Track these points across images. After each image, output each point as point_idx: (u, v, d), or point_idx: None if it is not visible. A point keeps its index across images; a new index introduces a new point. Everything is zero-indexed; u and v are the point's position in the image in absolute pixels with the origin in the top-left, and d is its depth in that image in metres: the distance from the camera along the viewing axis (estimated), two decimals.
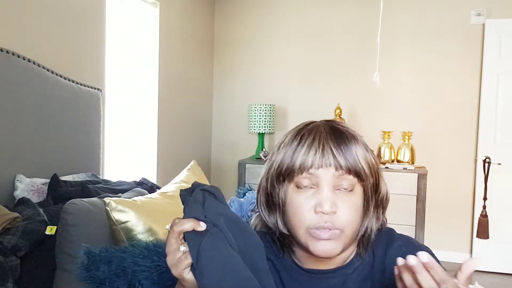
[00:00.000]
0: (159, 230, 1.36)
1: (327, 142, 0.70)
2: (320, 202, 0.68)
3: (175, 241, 0.62)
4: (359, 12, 3.54)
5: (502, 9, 3.22)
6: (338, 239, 0.69)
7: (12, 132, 1.75)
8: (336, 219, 0.69)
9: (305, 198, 0.70)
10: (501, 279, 3.12)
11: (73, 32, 2.22)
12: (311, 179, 0.70)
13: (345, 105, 3.52)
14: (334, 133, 0.72)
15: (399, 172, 3.06)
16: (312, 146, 0.70)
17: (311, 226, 0.69)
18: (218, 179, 3.99)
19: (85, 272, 1.11)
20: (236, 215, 0.68)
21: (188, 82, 3.54)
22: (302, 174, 0.70)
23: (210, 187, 0.67)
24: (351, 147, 0.70)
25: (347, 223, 0.70)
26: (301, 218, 0.70)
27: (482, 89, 3.23)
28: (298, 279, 0.77)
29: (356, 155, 0.70)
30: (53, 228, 1.36)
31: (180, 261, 0.61)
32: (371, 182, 0.73)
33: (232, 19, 3.92)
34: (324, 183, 0.69)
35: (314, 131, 0.72)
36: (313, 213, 0.69)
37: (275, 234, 0.77)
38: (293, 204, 0.71)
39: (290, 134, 0.75)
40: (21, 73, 1.79)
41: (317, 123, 0.75)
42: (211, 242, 0.60)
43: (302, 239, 0.71)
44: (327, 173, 0.69)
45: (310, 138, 0.71)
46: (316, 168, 0.69)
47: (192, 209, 0.63)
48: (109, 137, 2.58)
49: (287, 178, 0.72)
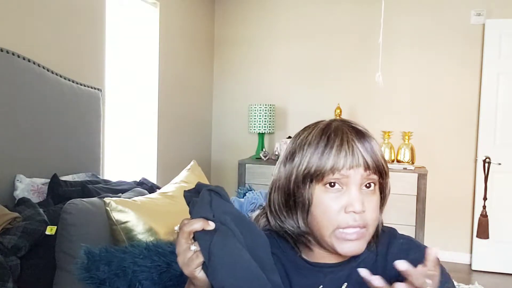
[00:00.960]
0: (159, 230, 1.36)
1: (354, 143, 0.71)
2: (351, 202, 0.70)
3: (185, 241, 0.63)
4: (359, 12, 3.54)
5: (502, 9, 3.22)
6: (364, 238, 0.71)
7: (12, 132, 1.75)
8: (365, 218, 0.70)
9: (334, 198, 0.71)
10: (501, 279, 3.12)
11: (73, 32, 2.22)
12: (340, 179, 0.71)
13: (345, 105, 3.52)
14: (357, 133, 0.73)
15: (399, 172, 3.06)
16: (342, 148, 0.71)
17: (341, 225, 0.70)
18: (218, 179, 3.99)
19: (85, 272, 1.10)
20: (242, 213, 0.69)
21: (188, 82, 3.54)
22: (333, 175, 0.71)
23: (215, 187, 0.68)
24: (373, 146, 0.73)
25: (372, 221, 0.72)
26: (330, 219, 0.71)
27: (482, 89, 3.23)
28: (303, 273, 0.79)
29: (378, 153, 0.73)
30: (53, 228, 1.36)
31: (192, 260, 0.62)
32: (387, 179, 0.76)
33: (232, 19, 3.92)
34: (353, 183, 0.71)
35: (340, 132, 0.73)
36: (343, 213, 0.70)
37: (289, 234, 0.77)
38: (321, 204, 0.72)
39: (314, 134, 0.75)
40: (21, 73, 1.79)
41: (338, 123, 0.76)
42: (221, 240, 0.61)
43: (327, 239, 0.72)
44: (356, 173, 0.70)
45: (338, 139, 0.72)
46: (347, 169, 0.70)
47: (201, 209, 0.65)
48: (109, 137, 2.58)
49: (315, 179, 0.72)
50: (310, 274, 0.78)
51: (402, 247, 0.78)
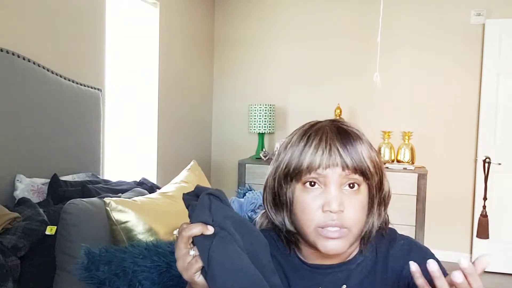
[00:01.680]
0: (159, 230, 1.36)
1: (333, 142, 0.71)
2: (328, 201, 0.70)
3: (185, 245, 0.63)
4: (359, 12, 3.54)
5: (502, 9, 3.22)
6: (346, 237, 0.71)
7: (12, 132, 1.75)
8: (343, 218, 0.70)
9: (313, 197, 0.71)
10: (501, 279, 3.12)
11: (73, 32, 2.22)
12: (318, 179, 0.71)
13: (345, 105, 3.52)
14: (340, 133, 0.73)
15: (399, 172, 3.06)
16: (319, 147, 0.71)
17: (320, 224, 0.70)
18: (218, 179, 3.99)
19: (85, 272, 1.10)
20: (241, 216, 0.69)
21: (188, 82, 3.54)
22: (310, 174, 0.71)
23: (215, 191, 0.68)
24: (357, 146, 0.72)
25: (354, 222, 0.71)
26: (309, 217, 0.71)
27: (482, 89, 3.23)
28: (302, 274, 0.79)
29: (361, 154, 0.71)
30: (53, 228, 1.36)
31: (191, 265, 0.62)
32: (375, 180, 0.74)
33: (232, 19, 3.92)
34: (331, 183, 0.70)
35: (321, 132, 0.73)
36: (321, 212, 0.70)
37: (282, 232, 0.78)
38: (301, 203, 0.73)
39: (297, 134, 0.76)
40: (21, 73, 1.79)
41: (323, 123, 0.76)
42: (220, 245, 0.61)
43: (310, 237, 0.72)
44: (334, 172, 0.70)
45: (317, 139, 0.72)
46: (323, 168, 0.70)
47: (200, 213, 0.64)
48: (109, 137, 2.58)
49: (294, 178, 0.73)
50: (308, 275, 0.78)
51: (403, 248, 0.78)
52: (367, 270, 0.78)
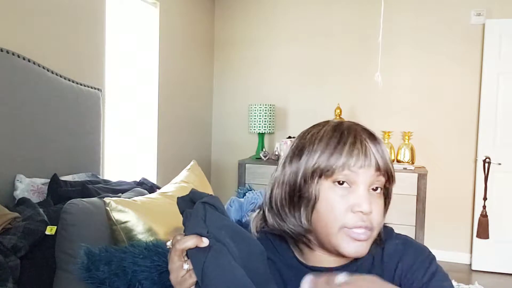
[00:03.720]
0: (159, 230, 1.36)
1: (368, 143, 0.71)
2: (359, 202, 0.69)
3: (178, 258, 0.62)
4: (359, 12, 3.54)
5: (502, 9, 3.22)
6: (369, 240, 0.70)
7: (12, 132, 1.75)
8: (371, 220, 0.69)
9: (341, 196, 0.70)
10: (501, 279, 3.12)
11: (73, 32, 2.22)
12: (349, 177, 0.70)
13: (345, 105, 3.52)
14: (370, 134, 0.73)
15: (399, 172, 3.06)
16: (355, 146, 0.70)
17: (348, 225, 0.69)
18: (218, 179, 4.00)
19: (85, 272, 1.11)
20: (237, 225, 0.67)
21: (188, 82, 3.54)
22: (344, 172, 0.70)
23: (210, 198, 0.66)
24: (384, 149, 0.72)
25: (378, 224, 0.71)
26: (337, 216, 0.70)
27: (482, 89, 3.23)
28: (300, 276, 0.77)
29: (387, 157, 0.72)
30: (53, 228, 1.36)
31: (185, 280, 0.61)
32: (393, 185, 0.75)
33: (232, 19, 3.92)
34: (362, 183, 0.70)
35: (353, 131, 0.72)
36: (351, 213, 0.69)
37: (287, 233, 0.76)
38: (328, 201, 0.71)
39: (325, 130, 0.74)
40: (21, 73, 1.79)
41: (351, 123, 0.75)
42: (215, 260, 0.60)
43: (332, 237, 0.70)
44: (367, 173, 0.70)
45: (351, 137, 0.71)
46: (358, 167, 0.69)
47: (194, 225, 0.63)
48: (109, 137, 2.58)
49: (324, 175, 0.71)
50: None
51: (397, 248, 0.77)
52: (365, 271, 0.76)
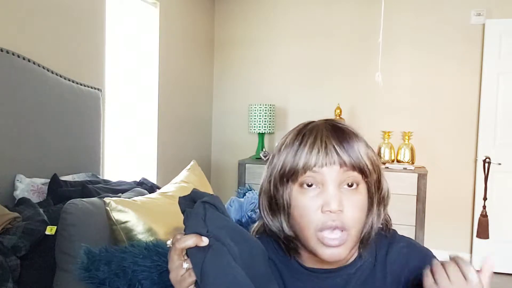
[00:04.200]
0: (159, 230, 1.36)
1: (329, 140, 0.69)
2: (326, 201, 0.67)
3: (178, 257, 0.62)
4: (359, 12, 3.54)
5: (502, 9, 3.22)
6: (345, 244, 0.69)
7: (12, 132, 1.75)
8: (343, 218, 0.68)
9: (311, 198, 0.69)
10: (501, 279, 3.12)
11: (73, 32, 2.22)
12: (315, 178, 0.69)
13: (345, 105, 3.52)
14: (335, 131, 0.71)
15: (399, 172, 3.06)
16: (314, 145, 0.69)
17: (319, 227, 0.68)
18: (218, 179, 3.99)
19: (85, 272, 1.10)
20: (237, 225, 0.67)
21: (188, 82, 3.54)
22: (306, 174, 0.69)
23: (210, 198, 0.66)
24: (353, 144, 0.70)
25: (353, 222, 0.69)
26: (308, 220, 0.69)
27: (482, 89, 3.23)
28: (300, 278, 0.77)
29: (358, 151, 0.70)
30: (53, 228, 1.36)
31: (184, 279, 0.61)
32: (374, 178, 0.72)
33: (232, 19, 3.92)
34: (329, 182, 0.68)
35: (315, 130, 0.71)
36: (320, 213, 0.68)
37: (279, 238, 0.76)
38: (298, 205, 0.70)
39: (291, 135, 0.74)
40: (21, 73, 1.79)
41: (317, 123, 0.74)
42: (214, 259, 0.60)
43: (310, 242, 0.70)
44: (331, 171, 0.68)
45: (311, 137, 0.70)
46: (320, 166, 0.68)
47: (194, 224, 0.63)
48: (109, 137, 2.58)
49: (290, 179, 0.71)
50: (306, 279, 0.77)
51: (402, 251, 0.77)
52: (366, 274, 0.76)
